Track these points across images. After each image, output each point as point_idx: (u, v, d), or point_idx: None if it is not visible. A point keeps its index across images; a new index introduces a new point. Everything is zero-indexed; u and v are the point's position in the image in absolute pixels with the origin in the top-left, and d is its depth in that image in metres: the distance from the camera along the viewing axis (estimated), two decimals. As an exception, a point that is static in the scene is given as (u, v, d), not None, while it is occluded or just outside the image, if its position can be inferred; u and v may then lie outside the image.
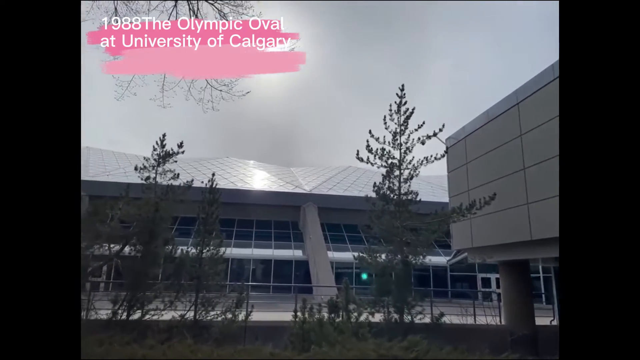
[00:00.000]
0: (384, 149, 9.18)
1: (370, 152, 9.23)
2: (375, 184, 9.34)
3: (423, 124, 9.21)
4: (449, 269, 24.55)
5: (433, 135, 9.57)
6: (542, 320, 11.40)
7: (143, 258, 8.43)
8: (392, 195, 9.08)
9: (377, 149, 9.20)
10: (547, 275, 19.26)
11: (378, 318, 8.27)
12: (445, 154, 9.67)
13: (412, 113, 9.25)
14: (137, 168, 9.07)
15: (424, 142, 9.58)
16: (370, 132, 9.33)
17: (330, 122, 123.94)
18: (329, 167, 44.99)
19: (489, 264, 18.10)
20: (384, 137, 9.30)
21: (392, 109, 9.42)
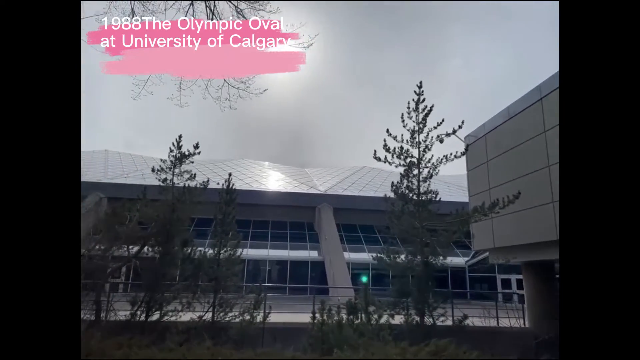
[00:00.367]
0: (402, 148, 8.99)
1: (388, 151, 9.05)
2: (393, 184, 9.15)
3: (442, 122, 8.99)
4: (468, 270, 24.07)
5: (452, 133, 9.34)
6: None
7: (161, 259, 8.46)
8: (411, 195, 8.89)
9: (394, 148, 9.02)
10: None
11: (398, 320, 8.08)
12: (465, 152, 9.41)
13: (430, 110, 9.04)
14: (154, 169, 9.10)
15: (443, 140, 9.36)
16: (388, 130, 9.15)
17: (345, 122, 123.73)
18: (344, 167, 44.77)
19: (509, 265, 17.64)
20: (402, 135, 9.12)
21: (409, 107, 9.23)
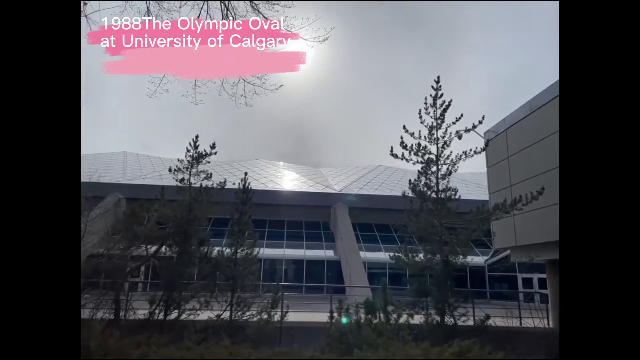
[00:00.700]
0: (420, 144, 8.81)
1: (405, 147, 8.87)
2: (411, 181, 8.97)
3: (461, 117, 8.75)
4: (487, 269, 23.59)
5: (472, 129, 9.10)
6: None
7: (178, 258, 8.51)
8: (429, 192, 8.69)
9: (412, 144, 8.84)
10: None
11: (417, 320, 7.92)
12: (486, 148, 9.16)
13: (448, 105, 8.82)
14: (171, 170, 9.17)
15: (461, 136, 9.13)
16: (405, 127, 8.98)
17: (360, 121, 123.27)
18: (359, 166, 44.49)
19: (531, 264, 17.16)
20: (419, 131, 8.93)
21: (427, 102, 9.03)
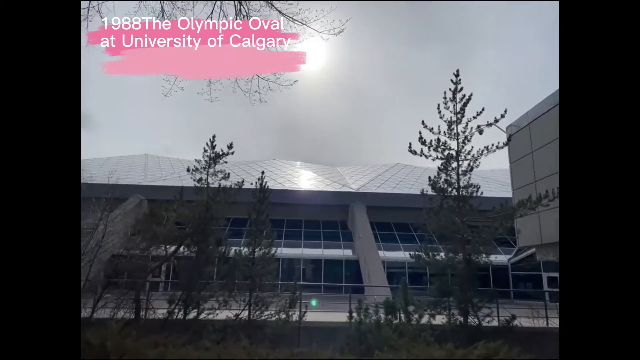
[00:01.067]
0: (439, 140, 8.58)
1: (424, 143, 8.66)
2: (430, 178, 8.75)
3: (482, 111, 8.48)
4: (510, 268, 22.96)
5: (493, 123, 8.83)
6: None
7: (197, 258, 8.55)
8: (450, 189, 8.46)
9: (431, 140, 8.62)
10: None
11: (439, 320, 7.72)
12: (508, 143, 8.85)
13: (469, 99, 8.57)
14: (189, 169, 9.23)
15: (482, 131, 8.86)
16: (423, 122, 8.77)
17: (376, 119, 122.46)
18: (376, 164, 44.06)
19: (556, 262, 16.59)
20: (439, 126, 8.70)
21: (446, 97, 8.79)
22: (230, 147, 9.28)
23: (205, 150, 9.28)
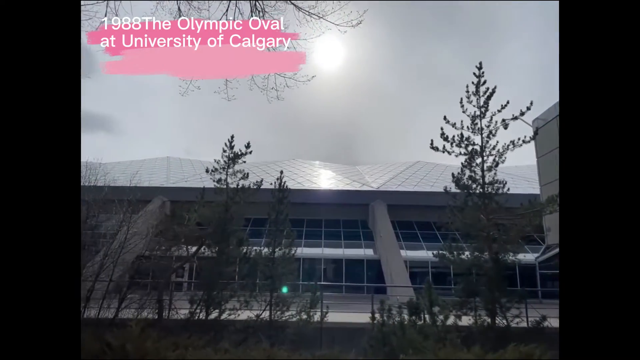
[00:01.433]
0: (463, 135, 8.30)
1: (446, 139, 8.40)
2: (454, 175, 8.48)
3: (507, 104, 8.16)
4: (538, 267, 22.19)
5: (519, 116, 8.47)
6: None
7: (218, 258, 8.58)
8: (474, 186, 8.17)
9: (454, 136, 8.35)
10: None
11: (465, 321, 7.47)
12: (535, 136, 8.48)
13: (493, 92, 8.26)
14: (208, 170, 9.27)
15: (507, 125, 8.52)
16: (445, 117, 8.51)
17: (395, 118, 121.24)
18: (396, 163, 43.53)
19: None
20: (462, 121, 8.42)
21: (469, 90, 8.50)
22: (248, 146, 9.27)
23: (224, 151, 9.31)
